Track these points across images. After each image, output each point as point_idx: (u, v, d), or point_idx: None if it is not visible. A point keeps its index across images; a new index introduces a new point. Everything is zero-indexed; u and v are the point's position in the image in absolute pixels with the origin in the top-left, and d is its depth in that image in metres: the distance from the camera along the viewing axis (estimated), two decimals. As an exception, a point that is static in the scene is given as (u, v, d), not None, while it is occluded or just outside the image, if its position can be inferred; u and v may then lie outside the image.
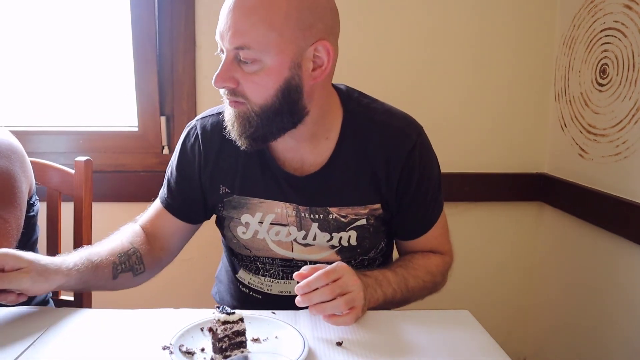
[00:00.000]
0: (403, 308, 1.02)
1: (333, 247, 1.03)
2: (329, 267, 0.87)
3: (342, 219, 1.01)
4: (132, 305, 0.96)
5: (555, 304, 1.69)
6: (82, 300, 1.25)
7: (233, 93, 0.90)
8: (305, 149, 1.00)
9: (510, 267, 1.81)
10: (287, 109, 0.92)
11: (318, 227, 1.01)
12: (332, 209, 1.01)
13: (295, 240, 1.03)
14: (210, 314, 0.87)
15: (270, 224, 1.03)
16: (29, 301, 1.05)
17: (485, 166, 1.71)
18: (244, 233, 1.05)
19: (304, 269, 0.88)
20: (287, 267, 1.06)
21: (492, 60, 1.66)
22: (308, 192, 1.00)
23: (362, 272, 0.94)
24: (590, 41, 1.48)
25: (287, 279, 1.06)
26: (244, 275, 1.12)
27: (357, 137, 1.00)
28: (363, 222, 1.02)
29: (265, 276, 1.08)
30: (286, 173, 1.01)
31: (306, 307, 0.89)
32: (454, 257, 1.14)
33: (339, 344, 0.82)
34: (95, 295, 1.33)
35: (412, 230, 1.08)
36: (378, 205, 1.02)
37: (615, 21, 1.37)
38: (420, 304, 1.07)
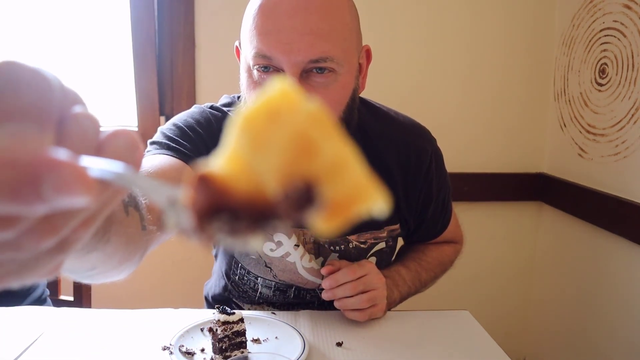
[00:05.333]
0: (404, 308, 1.02)
1: None
2: (356, 263, 0.89)
3: (362, 246, 0.97)
4: (131, 305, 0.95)
5: (555, 303, 1.69)
6: (81, 300, 1.25)
7: None
8: None
9: (510, 267, 1.81)
10: (349, 125, 0.84)
11: (338, 257, 0.97)
12: (351, 237, 0.96)
13: (314, 268, 0.98)
14: (210, 314, 0.87)
15: (301, 249, 0.95)
16: (24, 299, 1.05)
17: (484, 166, 1.71)
18: (272, 250, 0.96)
19: (332, 262, 0.90)
20: (299, 296, 1.00)
21: (491, 60, 1.66)
22: None
23: (381, 272, 0.94)
24: (590, 41, 1.48)
25: (291, 306, 1.01)
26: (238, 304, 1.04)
27: (371, 160, 0.92)
28: (382, 245, 1.00)
29: (266, 304, 1.02)
30: None
31: (312, 307, 0.90)
32: (464, 242, 1.15)
33: (339, 344, 0.82)
34: (95, 294, 1.33)
35: (433, 233, 1.07)
36: (397, 226, 1.00)
37: (615, 21, 1.37)
38: (421, 304, 1.07)
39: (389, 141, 0.96)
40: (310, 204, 0.21)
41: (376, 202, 0.21)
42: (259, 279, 1.00)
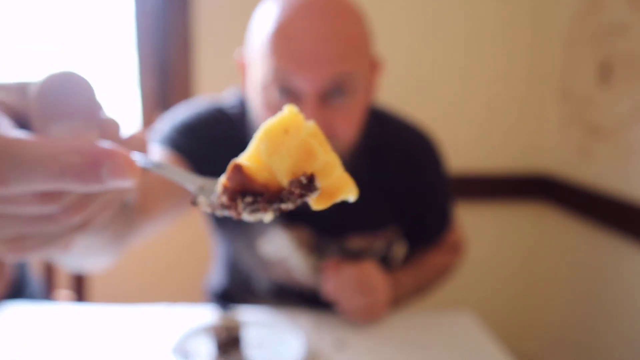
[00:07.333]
0: (405, 308, 1.02)
1: None
2: (357, 265, 0.89)
3: (361, 247, 0.97)
4: (130, 299, 0.95)
5: (556, 303, 1.69)
6: (80, 295, 1.25)
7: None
8: None
9: (511, 267, 1.80)
10: (363, 141, 0.87)
11: (336, 255, 0.97)
12: (351, 238, 0.96)
13: (313, 267, 0.98)
14: (210, 313, 0.87)
15: (300, 249, 0.95)
16: (21, 293, 1.05)
17: (486, 166, 1.71)
18: (270, 253, 0.96)
19: (334, 260, 0.91)
20: (295, 296, 1.00)
21: (493, 59, 1.65)
22: (327, 222, 0.94)
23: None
24: (593, 39, 1.47)
25: (291, 304, 1.01)
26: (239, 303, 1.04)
27: (374, 164, 0.96)
28: (382, 247, 1.00)
29: (264, 303, 1.02)
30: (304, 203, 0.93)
31: (312, 303, 0.90)
32: (466, 250, 1.15)
33: (339, 345, 0.81)
34: (93, 289, 1.33)
35: (432, 237, 1.07)
36: (396, 227, 1.00)
37: (619, 19, 1.36)
38: (422, 303, 1.07)
39: (391, 146, 0.96)
40: (309, 192, 0.29)
41: (350, 192, 0.31)
42: (260, 276, 1.00)
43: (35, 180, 0.24)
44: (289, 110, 0.30)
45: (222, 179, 0.30)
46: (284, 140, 0.29)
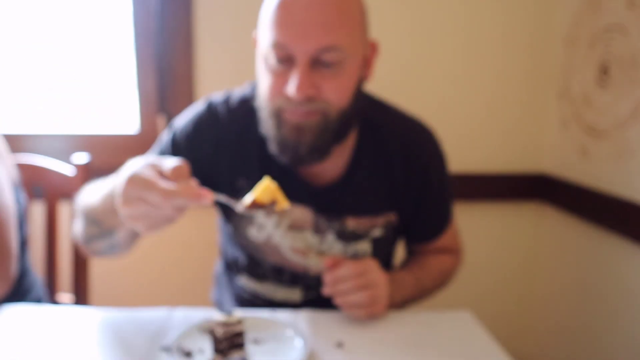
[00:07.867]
0: (404, 309, 1.02)
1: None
2: (358, 261, 0.89)
3: (358, 230, 0.99)
4: (131, 302, 0.95)
5: (556, 304, 1.69)
6: (80, 298, 1.25)
7: (311, 101, 0.83)
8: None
9: (510, 268, 1.80)
10: (354, 115, 0.90)
11: (334, 235, 0.98)
12: (348, 220, 0.98)
13: (310, 247, 0.99)
14: (210, 314, 0.87)
15: (287, 228, 0.97)
16: (24, 296, 1.05)
17: (485, 166, 1.71)
18: (256, 235, 0.99)
19: (335, 255, 0.94)
20: (296, 278, 1.02)
21: (492, 59, 1.65)
22: (325, 202, 0.97)
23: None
24: (592, 40, 1.48)
25: (294, 286, 1.03)
26: (246, 281, 1.06)
27: (375, 149, 0.98)
28: (379, 232, 1.00)
29: (269, 282, 1.04)
30: (304, 182, 0.97)
31: (314, 304, 0.90)
32: (463, 254, 1.15)
33: (339, 345, 0.81)
34: (94, 292, 1.33)
35: (431, 230, 1.07)
36: (394, 215, 1.00)
37: (617, 20, 1.37)
38: (421, 303, 1.07)
39: (393, 133, 0.99)
40: (274, 206, 0.74)
41: (286, 205, 0.74)
42: (258, 259, 1.02)
43: (182, 200, 0.69)
44: (266, 180, 0.74)
45: (246, 203, 0.73)
46: (265, 189, 0.73)
